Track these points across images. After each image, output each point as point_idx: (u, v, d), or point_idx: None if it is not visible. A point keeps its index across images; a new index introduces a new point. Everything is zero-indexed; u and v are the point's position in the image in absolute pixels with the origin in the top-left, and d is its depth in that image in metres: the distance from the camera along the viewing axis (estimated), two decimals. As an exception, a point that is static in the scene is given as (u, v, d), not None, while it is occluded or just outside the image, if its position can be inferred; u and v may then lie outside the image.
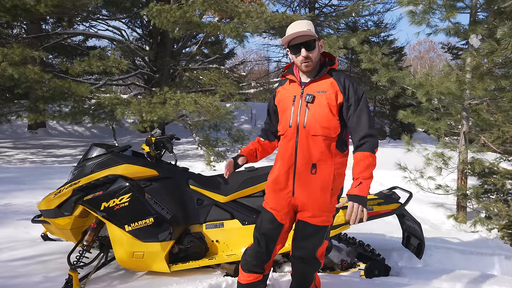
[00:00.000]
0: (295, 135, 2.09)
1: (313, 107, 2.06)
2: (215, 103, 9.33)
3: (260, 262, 2.22)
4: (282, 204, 2.16)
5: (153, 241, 2.73)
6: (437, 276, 3.08)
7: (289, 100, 2.15)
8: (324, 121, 2.05)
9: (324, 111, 2.05)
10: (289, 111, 2.13)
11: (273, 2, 12.40)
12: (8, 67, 8.28)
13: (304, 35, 2.01)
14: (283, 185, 2.14)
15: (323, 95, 2.06)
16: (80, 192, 2.78)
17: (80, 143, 13.20)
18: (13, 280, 2.70)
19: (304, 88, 2.11)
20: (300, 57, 2.06)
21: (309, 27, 2.05)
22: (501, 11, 5.11)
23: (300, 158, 2.08)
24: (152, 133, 2.97)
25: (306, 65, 2.08)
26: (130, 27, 15.36)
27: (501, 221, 4.39)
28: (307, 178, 2.07)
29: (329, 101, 2.05)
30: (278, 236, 2.19)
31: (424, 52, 38.54)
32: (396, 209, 3.05)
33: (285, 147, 2.14)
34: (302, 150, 2.07)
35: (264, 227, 2.20)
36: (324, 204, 2.09)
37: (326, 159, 2.07)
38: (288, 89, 2.21)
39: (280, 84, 2.31)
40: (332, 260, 3.26)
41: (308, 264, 2.20)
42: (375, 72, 6.02)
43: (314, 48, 2.06)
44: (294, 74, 2.18)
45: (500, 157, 5.12)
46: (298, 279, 2.27)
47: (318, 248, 2.17)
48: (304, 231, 2.14)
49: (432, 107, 5.97)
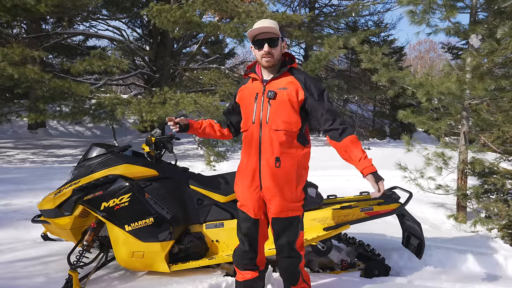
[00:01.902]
0: (259, 131, 2.19)
1: (274, 103, 2.17)
2: (215, 103, 9.33)
3: (248, 260, 2.34)
4: (252, 199, 2.25)
5: (153, 241, 2.73)
6: (437, 276, 3.08)
7: (252, 97, 2.25)
8: (285, 116, 2.16)
9: (285, 106, 2.17)
10: (251, 107, 2.24)
11: (273, 2, 12.41)
12: (8, 67, 8.28)
13: (269, 31, 2.13)
14: (250, 180, 2.24)
15: (284, 91, 2.17)
16: (80, 192, 2.78)
17: (80, 143, 13.20)
18: (15, 281, 2.70)
19: (266, 86, 2.22)
20: (262, 51, 2.16)
21: (274, 25, 2.16)
22: (501, 11, 5.11)
23: (264, 153, 2.18)
24: (152, 133, 2.97)
25: (267, 60, 2.17)
26: (130, 27, 15.36)
27: (501, 221, 4.39)
28: (272, 171, 2.17)
29: (290, 97, 2.16)
30: (257, 232, 2.30)
31: (424, 52, 38.56)
32: (396, 209, 3.05)
33: (249, 142, 2.24)
34: (265, 145, 2.17)
35: (242, 227, 2.31)
36: (291, 195, 2.20)
37: (289, 153, 2.18)
38: (250, 87, 2.32)
39: (243, 83, 2.41)
40: (332, 260, 3.26)
41: (290, 258, 2.28)
42: (375, 72, 6.01)
43: (276, 45, 2.17)
44: (256, 73, 2.29)
45: (500, 157, 5.12)
46: (285, 275, 2.35)
47: (295, 240, 2.27)
48: (278, 226, 2.23)
49: (432, 107, 5.96)
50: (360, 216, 2.98)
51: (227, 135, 2.57)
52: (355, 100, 17.98)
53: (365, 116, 18.18)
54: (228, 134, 2.57)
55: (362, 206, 3.02)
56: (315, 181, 3.13)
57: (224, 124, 2.56)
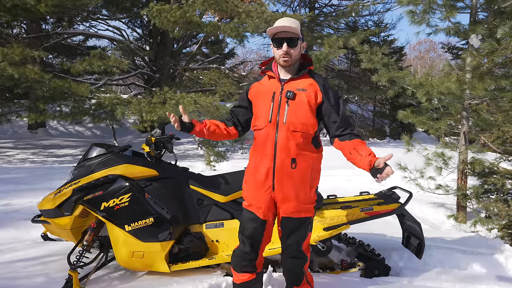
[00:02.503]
0: (275, 131, 2.14)
1: (293, 104, 2.13)
2: (215, 103, 9.33)
3: (248, 262, 2.28)
4: (263, 199, 2.20)
5: (153, 241, 2.73)
6: (437, 276, 3.08)
7: (268, 96, 2.19)
8: (303, 118, 2.13)
9: (304, 108, 2.13)
10: (267, 106, 2.18)
11: (273, 2, 12.38)
12: (8, 67, 8.28)
13: (289, 31, 2.09)
14: (263, 180, 2.18)
15: (303, 93, 2.15)
16: (80, 192, 2.79)
17: (80, 143, 13.20)
18: (15, 281, 2.71)
19: (284, 85, 2.17)
20: (280, 51, 2.12)
21: (295, 25, 2.12)
22: (501, 11, 5.11)
23: (279, 153, 2.13)
24: (152, 133, 2.97)
25: (285, 60, 2.14)
26: (130, 27, 15.36)
27: (501, 221, 4.39)
28: (288, 172, 2.14)
29: (309, 99, 2.14)
30: (262, 234, 2.25)
31: (424, 52, 38.58)
32: (396, 209, 3.05)
33: (264, 142, 2.18)
34: (281, 146, 2.13)
35: (248, 228, 2.24)
36: (305, 197, 2.18)
37: (305, 154, 2.15)
38: (265, 84, 2.26)
39: (256, 80, 2.36)
40: (332, 260, 3.26)
41: (296, 259, 2.25)
42: (375, 72, 6.01)
43: (296, 45, 2.14)
44: (273, 71, 2.23)
45: (500, 157, 5.12)
46: (289, 275, 2.32)
47: (303, 241, 2.23)
48: (289, 226, 2.20)
49: (432, 107, 5.96)
50: (360, 216, 2.98)
51: (234, 134, 2.46)
52: (355, 100, 17.97)
53: (365, 116, 18.17)
54: (235, 132, 2.46)
55: (362, 206, 3.02)
56: (315, 181, 3.13)
57: (229, 123, 2.45)
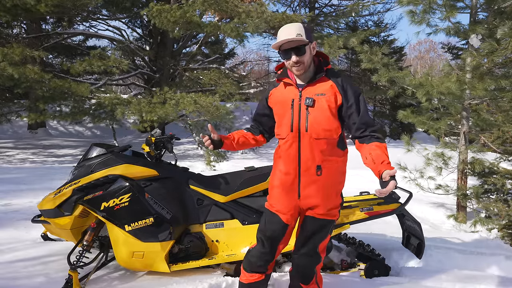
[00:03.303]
0: (297, 139, 2.09)
1: (313, 111, 2.06)
2: (215, 103, 9.33)
3: (264, 262, 2.24)
4: (289, 206, 2.16)
5: (153, 241, 2.73)
6: (437, 276, 3.08)
7: (287, 103, 2.13)
8: (326, 124, 2.05)
9: (325, 114, 2.05)
10: (288, 115, 2.11)
11: (273, 2, 12.41)
12: (8, 67, 8.28)
13: (293, 40, 2.00)
14: (289, 188, 2.15)
15: (323, 97, 2.06)
16: (80, 192, 2.78)
17: (80, 143, 13.20)
18: (16, 281, 2.71)
19: (302, 91, 2.10)
20: (290, 62, 2.05)
21: (298, 31, 2.02)
22: (501, 11, 5.11)
23: (304, 162, 2.08)
24: (152, 133, 2.97)
25: (297, 69, 2.07)
26: (130, 27, 15.37)
27: (501, 221, 4.39)
28: (314, 179, 2.09)
29: (329, 103, 2.05)
30: (283, 237, 2.21)
31: (424, 52, 38.59)
32: (396, 209, 3.05)
33: (288, 151, 2.13)
34: (305, 154, 2.08)
35: (269, 229, 2.20)
36: (331, 202, 2.14)
37: (330, 160, 2.09)
38: (283, 91, 2.19)
39: (274, 86, 2.28)
40: (332, 260, 3.26)
41: (310, 257, 2.21)
42: (375, 72, 6.01)
43: (304, 53, 2.04)
44: (289, 77, 2.15)
45: (500, 157, 5.12)
46: (300, 273, 2.27)
47: (321, 242, 2.20)
48: (312, 225, 2.16)
49: (432, 107, 5.96)
50: (360, 216, 2.98)
51: (262, 141, 2.43)
52: (355, 100, 17.94)
53: (365, 116, 18.15)
54: (262, 140, 2.43)
55: (362, 206, 3.02)
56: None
57: (255, 131, 2.40)
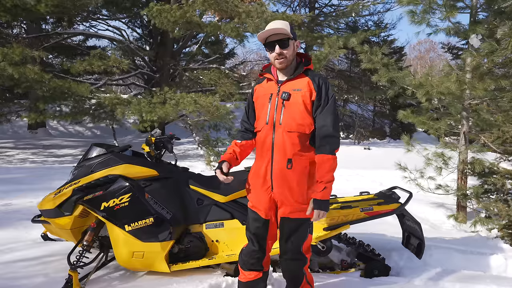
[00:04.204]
0: (272, 132, 2.18)
1: (288, 105, 2.16)
2: (215, 103, 9.32)
3: (256, 260, 2.32)
4: (264, 200, 2.24)
5: (153, 241, 2.73)
6: (437, 276, 3.08)
7: (266, 97, 2.24)
8: (299, 118, 2.15)
9: (299, 108, 2.15)
10: (265, 108, 2.23)
11: (273, 2, 12.43)
12: (8, 67, 8.27)
13: (279, 33, 2.11)
14: (262, 181, 2.23)
15: (299, 93, 2.16)
16: (80, 192, 2.78)
17: (80, 143, 13.20)
18: (16, 281, 2.71)
19: (281, 86, 2.21)
20: (274, 53, 2.14)
21: (284, 26, 2.13)
22: (501, 11, 5.10)
23: (276, 154, 2.17)
24: (152, 133, 2.98)
25: (280, 62, 2.16)
26: (130, 27, 15.38)
27: (501, 221, 4.38)
28: (284, 173, 2.16)
29: (304, 99, 2.15)
30: (267, 232, 2.28)
31: (424, 52, 38.62)
32: (396, 209, 3.05)
33: (262, 143, 2.23)
34: (278, 146, 2.16)
35: (252, 227, 2.30)
36: (302, 197, 2.18)
37: (301, 155, 2.17)
38: (265, 87, 2.31)
39: (258, 82, 2.40)
40: (332, 260, 3.26)
41: (295, 261, 2.27)
42: (375, 72, 6.01)
43: (288, 46, 2.15)
44: (272, 73, 2.28)
45: (500, 157, 5.12)
46: (289, 277, 2.34)
47: (303, 242, 2.25)
48: (288, 227, 2.22)
49: (432, 107, 5.96)
50: (360, 216, 2.98)
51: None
52: (355, 100, 17.98)
53: (365, 116, 18.18)
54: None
55: (362, 206, 3.03)
56: (315, 181, 3.13)
57: (248, 136, 2.40)
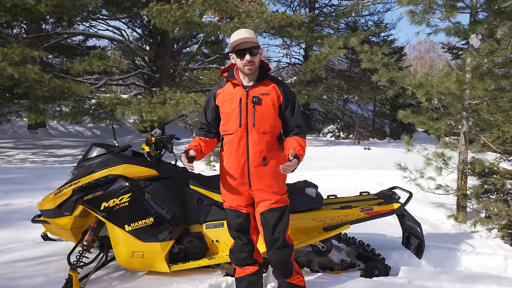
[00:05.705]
0: (245, 134, 2.35)
1: (260, 108, 2.34)
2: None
3: (247, 253, 2.48)
4: (242, 197, 2.43)
5: (153, 241, 2.73)
6: (437, 276, 3.08)
7: (235, 102, 2.37)
8: (271, 119, 2.37)
9: (270, 111, 2.36)
10: (236, 112, 2.36)
11: (273, 2, 12.39)
12: (8, 67, 8.28)
13: (250, 41, 2.27)
14: (239, 180, 2.39)
15: (268, 97, 2.36)
16: (80, 192, 2.78)
17: (80, 143, 13.20)
18: (16, 281, 2.71)
19: (249, 91, 2.36)
20: (244, 60, 2.29)
21: (253, 35, 2.32)
22: (501, 11, 5.10)
23: (252, 154, 2.35)
24: (152, 133, 2.97)
25: (249, 69, 2.31)
26: (130, 27, 15.38)
27: (501, 221, 4.38)
28: (261, 170, 2.37)
29: (273, 102, 2.37)
30: (249, 225, 2.48)
31: (424, 52, 38.60)
32: (396, 209, 3.05)
33: (237, 145, 2.37)
34: (253, 146, 2.35)
35: (234, 224, 2.47)
36: (278, 189, 2.41)
37: (274, 152, 2.39)
38: (229, 91, 2.42)
39: (219, 86, 2.50)
40: (332, 260, 3.26)
41: (283, 249, 2.40)
42: (375, 72, 6.01)
43: (257, 54, 2.32)
44: (236, 78, 2.40)
45: (500, 157, 5.11)
46: (279, 269, 2.47)
47: (286, 230, 2.43)
48: (272, 217, 2.38)
49: (432, 107, 5.95)
50: (360, 216, 2.98)
51: (217, 142, 2.61)
52: (355, 100, 17.99)
53: (365, 116, 18.20)
54: (217, 141, 2.60)
55: (362, 206, 3.03)
56: (315, 181, 3.14)
57: (210, 134, 2.56)
